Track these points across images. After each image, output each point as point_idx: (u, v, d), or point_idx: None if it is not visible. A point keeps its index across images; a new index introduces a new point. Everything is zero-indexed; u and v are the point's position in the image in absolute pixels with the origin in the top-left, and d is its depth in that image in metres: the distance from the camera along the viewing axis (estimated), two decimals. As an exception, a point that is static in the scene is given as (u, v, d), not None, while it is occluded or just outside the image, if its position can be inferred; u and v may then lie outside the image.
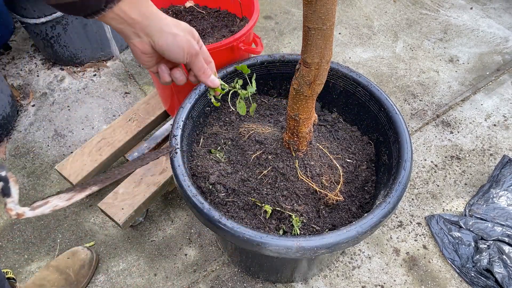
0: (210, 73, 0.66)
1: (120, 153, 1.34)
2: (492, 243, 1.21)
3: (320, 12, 0.63)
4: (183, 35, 0.58)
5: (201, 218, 0.80)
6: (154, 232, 1.31)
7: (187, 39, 0.59)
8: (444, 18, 2.06)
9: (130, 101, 1.69)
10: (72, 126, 1.61)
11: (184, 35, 0.59)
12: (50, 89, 1.75)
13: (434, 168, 1.46)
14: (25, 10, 1.54)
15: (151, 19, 0.55)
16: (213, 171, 0.95)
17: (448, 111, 1.64)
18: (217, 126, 1.10)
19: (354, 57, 1.87)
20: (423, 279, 1.20)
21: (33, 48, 1.92)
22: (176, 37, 0.58)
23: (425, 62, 1.84)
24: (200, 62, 0.63)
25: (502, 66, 1.80)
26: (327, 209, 0.93)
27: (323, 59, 0.71)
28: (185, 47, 0.59)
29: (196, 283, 1.21)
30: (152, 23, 0.56)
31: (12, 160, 1.50)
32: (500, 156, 1.48)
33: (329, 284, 1.20)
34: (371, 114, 1.03)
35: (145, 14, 0.54)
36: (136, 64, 1.84)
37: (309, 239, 0.74)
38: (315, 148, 0.94)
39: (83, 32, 1.68)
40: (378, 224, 0.77)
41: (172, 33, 0.57)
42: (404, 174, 0.84)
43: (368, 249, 1.26)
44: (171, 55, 0.60)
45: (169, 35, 0.57)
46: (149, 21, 0.55)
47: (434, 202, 1.37)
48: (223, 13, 1.30)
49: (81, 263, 1.17)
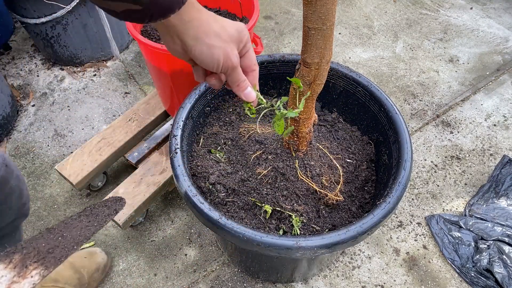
0: (245, 87, 0.59)
1: (120, 153, 1.34)
2: (492, 243, 1.21)
3: (320, 12, 0.63)
4: (222, 46, 0.52)
5: (201, 218, 0.80)
6: (154, 232, 1.31)
7: (225, 51, 0.53)
8: (444, 18, 2.06)
9: (130, 101, 1.69)
10: (72, 126, 1.61)
11: (224, 46, 0.52)
12: (50, 89, 1.75)
13: (434, 168, 1.46)
14: (25, 10, 1.54)
15: (189, 25, 0.50)
16: (213, 171, 0.95)
17: (448, 111, 1.64)
18: (217, 126, 1.10)
19: (354, 57, 1.87)
20: (423, 279, 1.20)
21: (33, 48, 1.92)
22: (211, 48, 0.52)
23: (425, 62, 1.84)
24: (236, 76, 0.57)
25: (502, 66, 1.80)
26: (327, 209, 0.93)
27: (323, 59, 0.71)
28: (220, 60, 0.53)
29: (196, 283, 1.21)
30: (190, 30, 0.50)
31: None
32: (500, 156, 1.48)
33: (329, 284, 1.20)
34: (371, 114, 1.03)
35: (183, 18, 0.49)
36: (136, 64, 1.84)
37: (309, 239, 0.74)
38: (315, 148, 0.94)
39: (83, 32, 1.68)
40: (378, 224, 0.77)
41: (208, 44, 0.51)
42: (404, 174, 0.84)
43: (368, 249, 1.26)
44: (204, 65, 0.54)
45: (204, 45, 0.51)
46: (186, 27, 0.50)
47: (434, 202, 1.37)
48: (223, 13, 1.30)
49: (96, 266, 1.16)
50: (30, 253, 0.51)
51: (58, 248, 0.54)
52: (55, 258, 0.52)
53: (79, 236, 0.56)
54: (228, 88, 0.62)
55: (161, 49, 1.01)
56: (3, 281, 0.48)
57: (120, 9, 0.45)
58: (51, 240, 0.54)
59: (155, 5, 0.45)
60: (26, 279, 0.49)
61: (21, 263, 0.50)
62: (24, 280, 0.49)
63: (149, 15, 0.46)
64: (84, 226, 0.59)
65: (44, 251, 0.52)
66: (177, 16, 0.48)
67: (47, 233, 0.55)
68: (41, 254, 0.52)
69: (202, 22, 0.51)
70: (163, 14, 0.46)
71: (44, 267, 0.51)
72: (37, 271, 0.50)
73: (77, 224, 0.59)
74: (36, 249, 0.52)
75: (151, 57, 1.12)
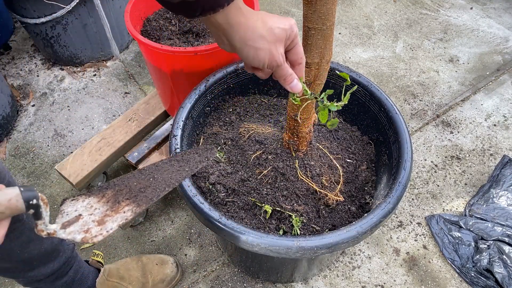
0: (291, 80, 0.62)
1: (120, 153, 1.33)
2: (492, 243, 1.21)
3: (320, 12, 0.63)
4: (267, 48, 0.56)
5: (201, 218, 0.80)
6: (154, 232, 1.31)
7: (271, 53, 0.56)
8: (444, 18, 2.06)
9: (130, 101, 1.69)
10: (72, 126, 1.61)
11: (269, 47, 0.56)
12: (50, 89, 1.75)
13: (434, 168, 1.46)
14: (25, 10, 1.54)
15: (236, 29, 0.53)
16: (213, 171, 0.95)
17: (448, 111, 1.64)
18: (217, 126, 1.10)
19: (354, 57, 1.87)
20: (423, 279, 1.20)
21: (33, 48, 1.92)
22: (258, 51, 0.55)
23: (425, 62, 1.84)
24: (281, 71, 0.60)
25: (502, 66, 1.80)
26: (327, 209, 0.93)
27: (323, 59, 0.71)
28: (266, 61, 0.57)
29: (196, 283, 1.21)
30: (237, 34, 0.54)
31: (12, 160, 1.50)
32: (500, 156, 1.48)
33: (329, 284, 1.20)
34: (371, 114, 1.03)
35: (230, 23, 0.53)
36: (136, 64, 1.84)
37: (309, 239, 0.74)
38: (315, 148, 0.94)
39: (83, 32, 1.68)
40: (378, 224, 0.77)
41: (254, 47, 0.55)
42: (404, 174, 0.84)
43: (368, 249, 1.26)
44: (251, 65, 0.59)
45: (251, 48, 0.55)
46: (233, 31, 0.54)
47: (434, 202, 1.37)
48: (223, 13, 1.30)
49: (163, 276, 1.15)
50: (122, 190, 0.52)
51: (150, 188, 0.54)
52: (146, 197, 0.52)
53: (170, 179, 0.57)
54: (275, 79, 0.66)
55: (161, 49, 1.01)
56: (96, 213, 0.49)
57: (176, 0, 0.49)
58: (143, 180, 0.55)
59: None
60: (118, 214, 0.50)
61: (114, 198, 0.51)
62: (117, 215, 0.50)
63: (200, 8, 0.50)
64: (175, 170, 0.59)
65: (136, 190, 0.53)
66: (224, 19, 0.52)
67: (138, 173, 0.55)
68: (133, 192, 0.52)
69: (248, 27, 0.54)
70: (212, 8, 0.50)
71: (136, 205, 0.51)
72: (129, 208, 0.51)
73: (168, 168, 0.59)
74: (128, 187, 0.53)
75: (151, 57, 1.12)
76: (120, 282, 1.08)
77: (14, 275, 0.84)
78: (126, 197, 0.52)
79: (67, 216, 0.49)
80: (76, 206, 0.50)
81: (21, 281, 0.88)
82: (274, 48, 0.56)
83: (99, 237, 0.48)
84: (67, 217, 0.49)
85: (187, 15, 0.52)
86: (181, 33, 1.24)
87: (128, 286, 1.09)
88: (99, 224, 0.49)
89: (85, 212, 0.50)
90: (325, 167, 0.94)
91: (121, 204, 0.51)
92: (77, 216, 0.49)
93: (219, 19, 0.52)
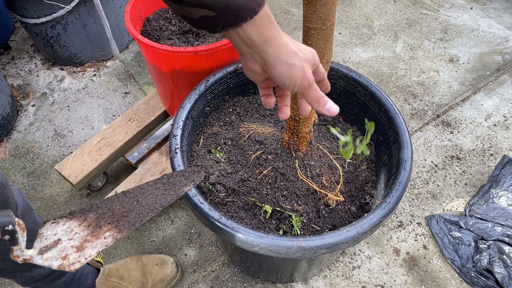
0: (325, 102, 0.59)
1: (120, 153, 1.34)
2: (492, 243, 1.21)
3: (320, 12, 0.63)
4: (300, 66, 0.53)
5: (201, 218, 0.80)
6: (154, 232, 1.31)
7: (303, 70, 0.54)
8: (444, 18, 2.06)
9: (130, 101, 1.69)
10: (72, 126, 1.61)
11: (301, 65, 0.54)
12: (50, 89, 1.75)
13: (434, 168, 1.46)
14: (25, 10, 1.54)
15: (270, 44, 0.51)
16: (213, 171, 0.95)
17: (448, 111, 1.64)
18: (217, 126, 1.10)
19: (354, 57, 1.87)
20: (423, 279, 1.20)
21: (33, 48, 1.92)
22: (291, 67, 0.53)
23: (425, 62, 1.84)
24: (313, 92, 0.57)
25: (502, 66, 1.80)
26: (327, 209, 0.92)
27: (323, 59, 0.71)
28: (298, 79, 0.54)
29: (196, 283, 1.21)
30: (270, 50, 0.52)
31: (12, 160, 1.50)
32: (500, 156, 1.48)
33: (329, 284, 1.20)
34: (371, 114, 1.03)
35: (265, 38, 0.50)
36: (136, 64, 1.84)
37: (309, 239, 0.74)
38: (315, 148, 0.94)
39: (83, 32, 1.68)
40: (378, 224, 0.77)
41: (288, 63, 0.53)
42: (404, 174, 0.84)
43: (368, 249, 1.26)
44: (282, 83, 0.55)
45: (285, 65, 0.53)
46: (268, 46, 0.51)
47: (434, 202, 1.37)
48: (223, 13, 1.30)
49: (162, 276, 1.14)
50: (105, 213, 0.51)
51: (133, 213, 0.53)
52: (129, 222, 0.51)
53: (154, 203, 0.55)
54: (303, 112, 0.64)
55: (161, 49, 1.01)
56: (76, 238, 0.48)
57: (197, 15, 0.47)
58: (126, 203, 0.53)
59: (228, 11, 0.46)
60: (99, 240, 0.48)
61: (96, 222, 0.49)
62: (97, 241, 0.48)
63: (222, 22, 0.48)
64: (160, 194, 0.58)
65: (118, 214, 0.51)
66: (258, 34, 0.50)
67: (122, 196, 0.54)
68: (116, 216, 0.51)
69: (282, 42, 0.52)
70: (234, 22, 0.48)
71: (117, 230, 0.50)
72: (110, 233, 0.49)
73: (153, 191, 0.58)
74: (111, 211, 0.51)
75: (151, 57, 1.12)
76: (119, 282, 1.08)
77: (11, 275, 0.83)
78: (108, 221, 0.50)
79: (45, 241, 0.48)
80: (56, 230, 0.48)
81: (18, 281, 0.88)
82: (306, 67, 0.54)
83: (76, 264, 0.46)
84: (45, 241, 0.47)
85: (209, 30, 0.50)
86: (181, 33, 1.24)
87: (128, 286, 1.09)
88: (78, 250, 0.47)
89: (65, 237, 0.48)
90: (325, 167, 0.94)
91: (102, 229, 0.49)
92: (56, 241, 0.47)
93: (252, 34, 0.50)
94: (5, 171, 1.47)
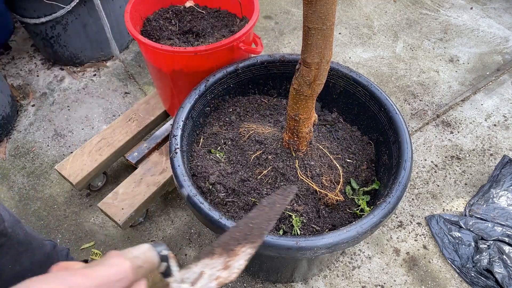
0: None
1: (120, 153, 1.33)
2: (492, 243, 1.21)
3: (320, 12, 0.63)
4: None
5: (201, 218, 0.80)
6: (154, 232, 1.31)
7: None
8: (444, 18, 2.06)
9: (130, 101, 1.69)
10: (72, 126, 1.61)
11: None
12: (50, 89, 1.75)
13: (434, 168, 1.46)
14: (25, 10, 1.54)
15: None
16: (213, 171, 0.95)
17: (448, 111, 1.64)
18: (217, 126, 1.10)
19: (354, 57, 1.87)
20: (423, 279, 1.20)
21: (33, 48, 1.92)
22: None
23: (425, 62, 1.84)
24: None
25: (502, 66, 1.80)
26: (327, 209, 0.92)
27: (323, 59, 0.71)
28: None
29: (196, 283, 1.20)
30: None
31: (12, 160, 1.50)
32: (500, 156, 1.48)
33: (329, 284, 1.20)
34: (371, 114, 1.03)
35: None
36: (136, 64, 1.84)
37: (309, 239, 0.74)
38: (315, 148, 0.94)
39: (83, 32, 1.68)
40: (378, 224, 0.77)
41: None
42: (404, 174, 0.84)
43: (368, 249, 1.26)
44: None
45: None
46: None
47: (434, 202, 1.37)
48: (223, 13, 1.30)
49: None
50: (228, 242, 0.51)
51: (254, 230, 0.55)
52: (257, 234, 0.53)
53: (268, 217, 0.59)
54: None
55: (161, 49, 1.01)
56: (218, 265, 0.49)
57: None
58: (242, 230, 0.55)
59: None
60: (239, 255, 0.50)
61: (225, 250, 0.50)
62: (238, 256, 0.50)
63: None
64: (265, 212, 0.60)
65: (241, 236, 0.53)
66: None
67: (233, 228, 0.55)
68: (241, 238, 0.53)
69: None
70: None
71: (250, 243, 0.52)
72: (245, 248, 0.51)
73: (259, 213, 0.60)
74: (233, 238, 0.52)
75: (151, 57, 1.12)
76: None
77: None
78: (237, 243, 0.52)
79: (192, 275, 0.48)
80: (192, 270, 0.48)
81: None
82: None
83: (233, 275, 0.47)
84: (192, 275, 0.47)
85: None
86: (181, 33, 1.24)
87: None
88: (225, 269, 0.48)
89: (206, 268, 0.48)
90: (325, 167, 0.94)
91: (235, 250, 0.51)
92: (200, 273, 0.47)
93: None
94: (5, 171, 1.47)
